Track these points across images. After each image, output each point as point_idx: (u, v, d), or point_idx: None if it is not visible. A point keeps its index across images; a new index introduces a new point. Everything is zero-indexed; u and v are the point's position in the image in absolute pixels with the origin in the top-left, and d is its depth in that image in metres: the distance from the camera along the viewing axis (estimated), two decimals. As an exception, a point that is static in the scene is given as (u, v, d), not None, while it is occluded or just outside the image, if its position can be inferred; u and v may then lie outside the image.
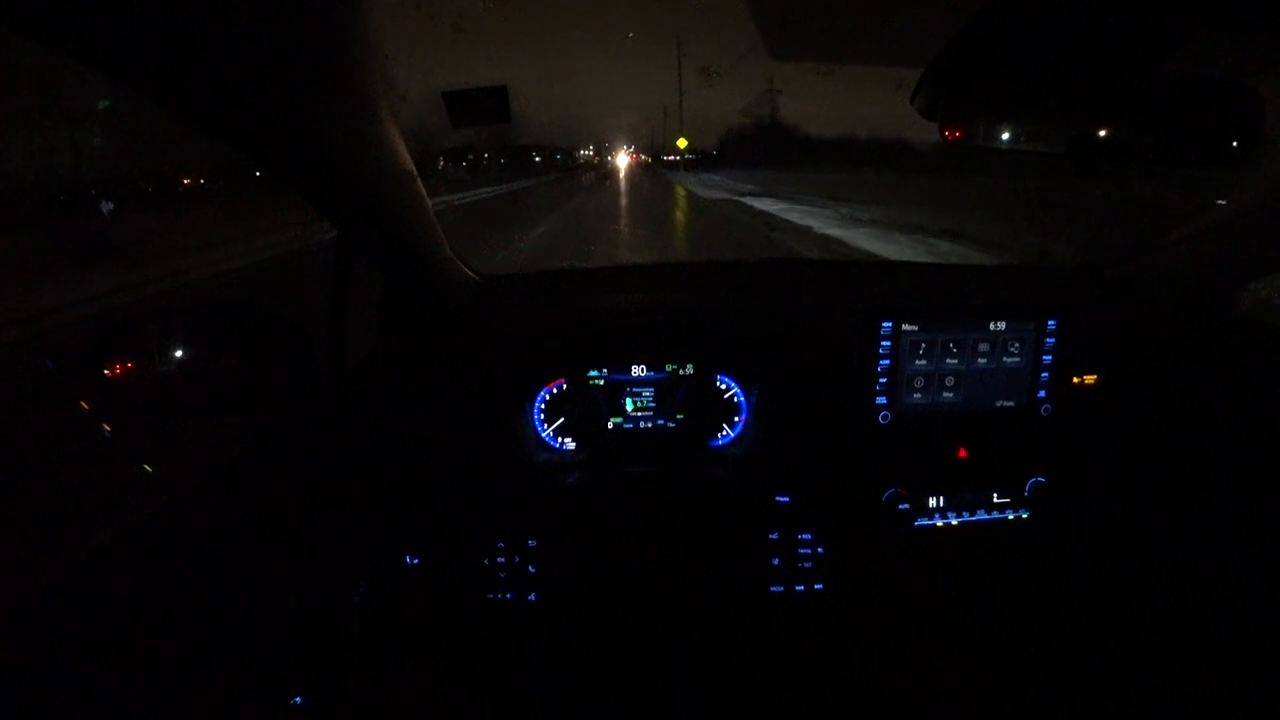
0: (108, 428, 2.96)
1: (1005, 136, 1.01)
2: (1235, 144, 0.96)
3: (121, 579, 0.80)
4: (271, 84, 0.60)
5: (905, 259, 7.88)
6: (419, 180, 1.01)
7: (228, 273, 8.17)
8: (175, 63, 0.52)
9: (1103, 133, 0.99)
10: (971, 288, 1.52)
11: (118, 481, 2.64)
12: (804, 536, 1.16)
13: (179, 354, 1.00)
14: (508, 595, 1.15)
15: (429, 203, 1.09)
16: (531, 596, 1.15)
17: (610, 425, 1.24)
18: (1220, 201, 1.27)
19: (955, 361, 1.16)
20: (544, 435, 1.27)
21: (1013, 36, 0.86)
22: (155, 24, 0.48)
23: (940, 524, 1.18)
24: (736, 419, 1.28)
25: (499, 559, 1.14)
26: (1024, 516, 1.20)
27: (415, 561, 1.19)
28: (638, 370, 1.22)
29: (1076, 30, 0.85)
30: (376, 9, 0.66)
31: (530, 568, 1.14)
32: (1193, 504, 1.28)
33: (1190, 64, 0.88)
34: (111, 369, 0.95)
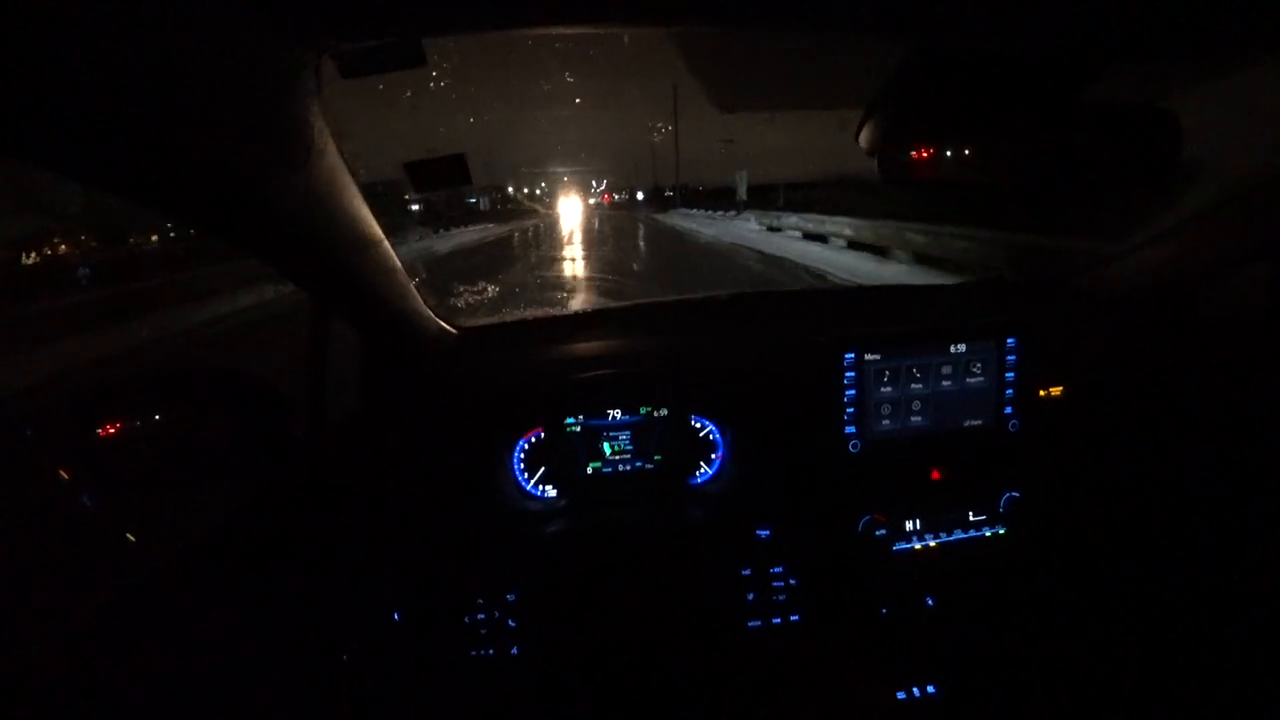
0: (87, 498, 2.91)
1: (943, 166, 1.06)
2: (1156, 163, 1.01)
3: (104, 649, 0.79)
4: (235, 170, 0.63)
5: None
6: (386, 243, 1.04)
7: None
8: (137, 155, 0.55)
9: (1034, 158, 1.04)
10: (931, 310, 1.56)
11: (100, 550, 2.59)
12: (776, 570, 1.17)
13: (159, 419, 1.00)
14: (489, 651, 1.14)
15: (398, 262, 1.12)
16: (514, 650, 1.14)
17: (589, 470, 1.25)
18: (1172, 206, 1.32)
19: (920, 386, 1.18)
20: (525, 484, 1.27)
21: (940, 75, 0.92)
22: (119, 122, 0.50)
23: (918, 546, 1.20)
24: (713, 456, 1.30)
25: (479, 615, 1.14)
26: (1001, 532, 1.22)
27: (399, 619, 1.18)
28: (614, 415, 1.24)
29: (998, 66, 0.91)
30: (336, 94, 0.70)
31: (510, 622, 1.14)
32: (1167, 508, 1.30)
33: (1112, 90, 0.94)
34: (100, 430, 0.95)
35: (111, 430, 0.96)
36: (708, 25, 0.69)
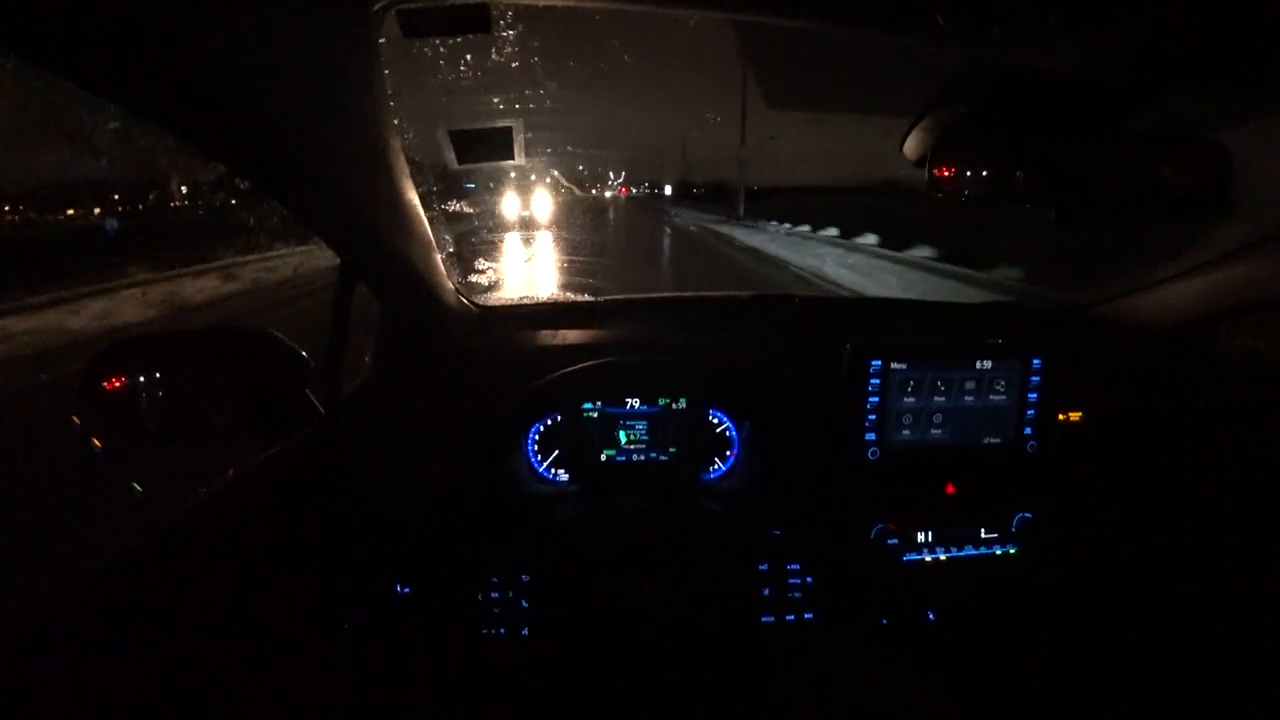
0: (98, 444, 2.94)
1: (987, 183, 1.05)
2: (1206, 194, 1.00)
3: (104, 608, 0.78)
4: (290, 126, 0.63)
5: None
6: (421, 212, 1.05)
7: None
8: (197, 104, 0.55)
9: (1079, 182, 1.03)
10: (958, 326, 1.55)
11: (106, 502, 2.61)
12: (793, 567, 1.17)
13: (176, 376, 1.01)
14: (500, 630, 1.14)
15: (431, 235, 1.13)
16: (524, 631, 1.14)
17: (603, 458, 1.25)
18: (1200, 242, 1.32)
19: (942, 399, 1.18)
20: (538, 467, 1.27)
21: (991, 91, 0.91)
22: (185, 72, 0.51)
23: (929, 559, 1.19)
24: (728, 453, 1.29)
25: (492, 594, 1.14)
26: (1011, 552, 1.21)
27: (406, 591, 1.18)
28: (632, 403, 1.24)
29: (1049, 86, 0.90)
30: (389, 59, 0.70)
31: (523, 603, 1.14)
32: (1178, 540, 1.29)
33: (1162, 119, 0.93)
34: (110, 383, 0.96)
35: (118, 384, 0.97)
36: (778, 17, 0.69)
